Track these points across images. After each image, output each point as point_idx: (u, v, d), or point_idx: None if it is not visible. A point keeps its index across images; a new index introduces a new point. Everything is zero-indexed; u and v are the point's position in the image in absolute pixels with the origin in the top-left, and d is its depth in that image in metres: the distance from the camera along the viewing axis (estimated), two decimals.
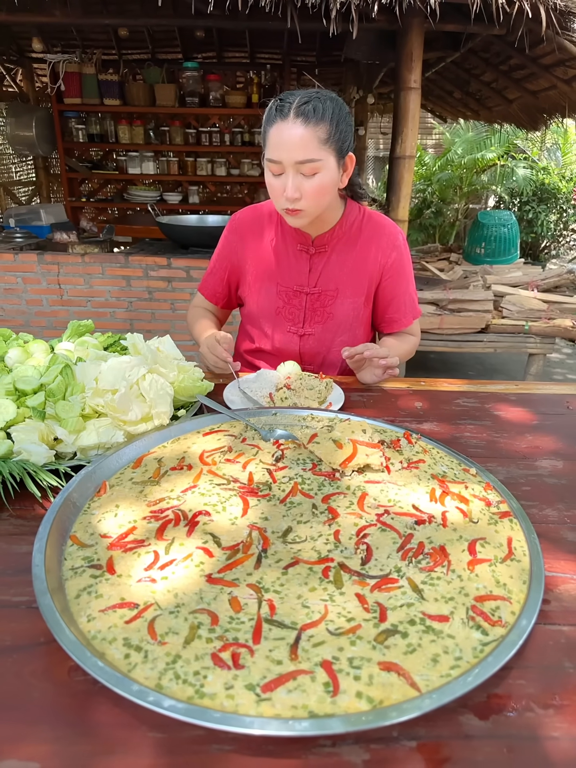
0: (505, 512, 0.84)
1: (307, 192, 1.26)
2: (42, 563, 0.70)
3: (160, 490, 0.88)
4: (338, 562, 0.72)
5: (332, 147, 1.24)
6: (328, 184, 1.27)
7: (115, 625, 0.63)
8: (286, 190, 1.25)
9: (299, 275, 1.50)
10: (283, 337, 1.56)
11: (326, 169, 1.25)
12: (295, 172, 1.24)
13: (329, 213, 1.43)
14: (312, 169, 1.23)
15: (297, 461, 0.97)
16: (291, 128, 1.20)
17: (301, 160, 1.22)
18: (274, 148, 1.24)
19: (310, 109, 1.20)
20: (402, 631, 0.62)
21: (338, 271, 1.49)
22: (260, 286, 1.54)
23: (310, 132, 1.20)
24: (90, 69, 5.21)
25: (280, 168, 1.25)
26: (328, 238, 1.47)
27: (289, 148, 1.21)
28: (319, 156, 1.22)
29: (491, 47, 3.79)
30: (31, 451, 0.93)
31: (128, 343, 1.17)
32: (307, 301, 1.52)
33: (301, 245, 1.48)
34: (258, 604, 0.66)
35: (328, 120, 1.22)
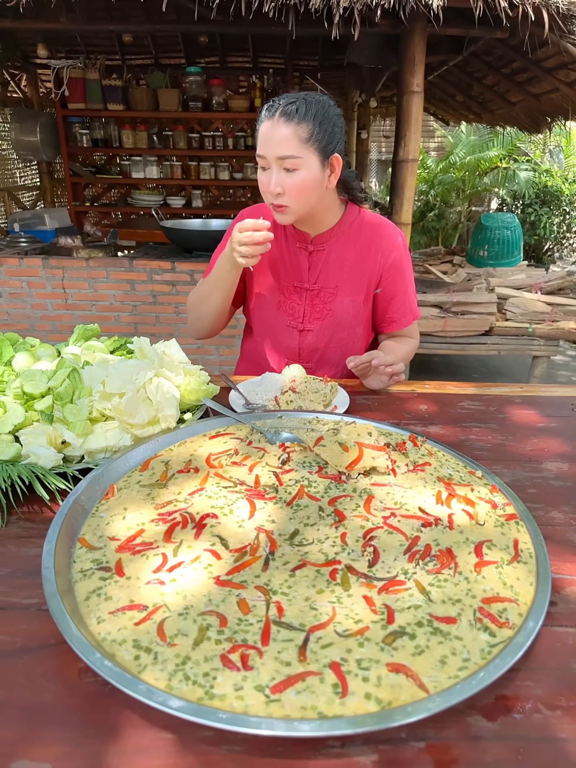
0: (511, 515, 0.84)
1: (289, 188, 1.31)
2: (51, 566, 0.71)
3: (168, 493, 0.89)
4: (345, 564, 0.73)
5: (314, 146, 1.30)
6: (309, 181, 1.32)
7: (124, 627, 0.63)
8: (270, 184, 1.32)
9: (299, 271, 1.54)
10: (283, 331, 1.59)
11: (307, 167, 1.30)
12: (278, 168, 1.31)
13: (326, 215, 1.47)
14: (293, 165, 1.29)
15: (303, 464, 0.97)
16: (275, 126, 1.28)
17: (281, 155, 1.28)
18: (261, 143, 1.32)
19: (293, 109, 1.28)
20: (410, 633, 0.62)
21: (338, 269, 1.52)
22: (263, 280, 1.57)
23: (292, 130, 1.27)
24: (94, 74, 5.24)
25: (266, 163, 1.32)
26: (327, 237, 1.51)
27: (271, 145, 1.29)
28: (299, 153, 1.28)
29: (493, 50, 3.80)
30: (39, 454, 0.94)
31: (135, 347, 1.18)
32: (307, 297, 1.55)
33: (300, 243, 1.53)
34: (266, 606, 0.66)
35: (311, 120, 1.28)
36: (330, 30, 2.70)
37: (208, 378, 1.24)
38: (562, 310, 3.94)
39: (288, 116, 1.27)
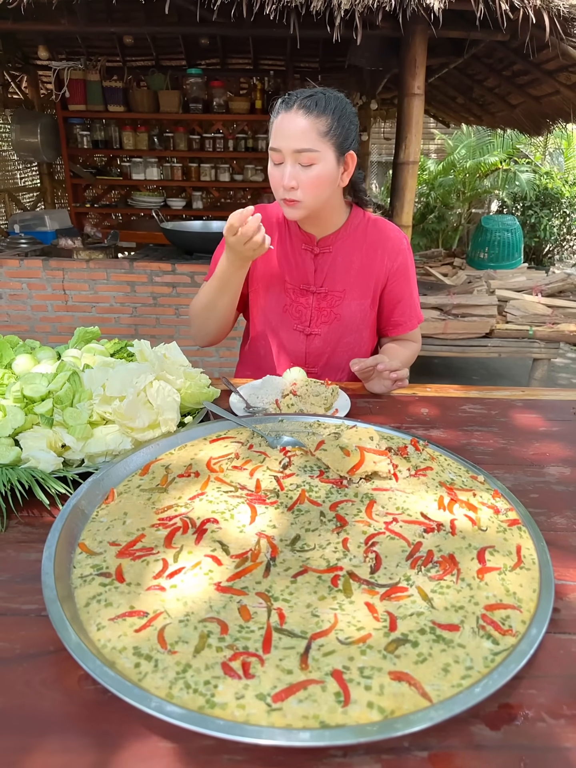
0: (513, 520, 0.84)
1: (304, 182, 1.29)
2: (51, 571, 0.70)
3: (168, 498, 0.88)
4: (347, 570, 0.72)
5: (331, 141, 1.28)
6: (325, 176, 1.30)
7: (125, 634, 0.63)
8: (283, 178, 1.29)
9: (305, 274, 1.52)
10: (290, 335, 1.57)
11: (324, 162, 1.28)
12: (293, 162, 1.28)
13: (333, 215, 1.46)
14: (309, 159, 1.27)
15: (304, 468, 0.97)
16: (292, 118, 1.26)
17: (298, 148, 1.26)
18: (276, 136, 1.29)
19: (312, 102, 1.26)
20: (412, 641, 0.62)
21: (345, 273, 1.51)
22: (268, 282, 1.55)
23: (310, 123, 1.25)
24: (94, 76, 5.24)
25: (280, 157, 1.29)
26: (333, 239, 1.49)
27: (288, 137, 1.26)
28: (316, 147, 1.26)
29: (494, 53, 3.80)
30: (39, 458, 0.94)
31: (135, 350, 1.18)
32: (314, 300, 1.53)
33: (306, 245, 1.51)
34: (267, 613, 0.66)
35: (330, 114, 1.27)
36: (331, 32, 2.70)
37: (208, 381, 1.24)
38: (563, 313, 3.94)
39: (307, 109, 1.25)
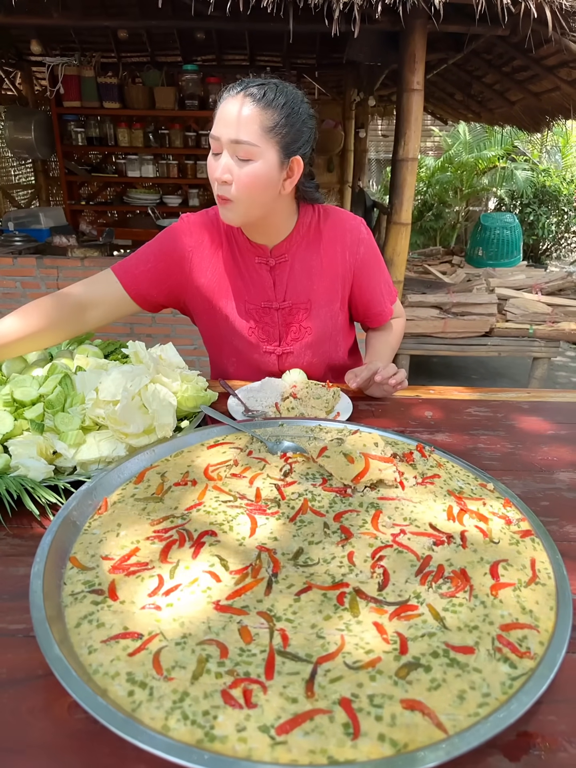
0: (526, 531, 0.80)
1: (238, 178, 1.16)
2: (40, 589, 0.66)
3: (164, 508, 0.84)
4: (353, 587, 0.68)
5: (275, 139, 1.15)
6: (262, 177, 1.17)
7: (117, 658, 0.59)
8: (217, 169, 1.17)
9: (264, 290, 1.39)
10: (261, 357, 1.46)
11: (263, 160, 1.15)
12: (231, 153, 1.15)
13: (280, 220, 1.33)
14: (247, 154, 1.14)
15: (306, 476, 0.93)
16: (236, 105, 1.13)
17: (235, 139, 1.13)
18: (216, 123, 1.16)
19: (261, 92, 1.13)
20: (425, 665, 0.58)
21: (306, 281, 1.39)
22: (223, 305, 1.40)
23: (254, 114, 1.12)
24: (89, 72, 5.17)
25: (218, 146, 1.16)
26: (287, 247, 1.37)
27: (228, 125, 1.13)
28: (256, 141, 1.13)
29: (494, 48, 3.76)
30: (29, 466, 0.90)
31: (129, 352, 1.13)
32: (280, 317, 1.41)
33: (259, 258, 1.37)
34: (270, 635, 0.62)
35: (278, 109, 1.14)
36: (330, 27, 2.66)
37: (206, 384, 1.20)
38: (563, 311, 3.91)
39: (253, 97, 1.12)
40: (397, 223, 3.42)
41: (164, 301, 1.42)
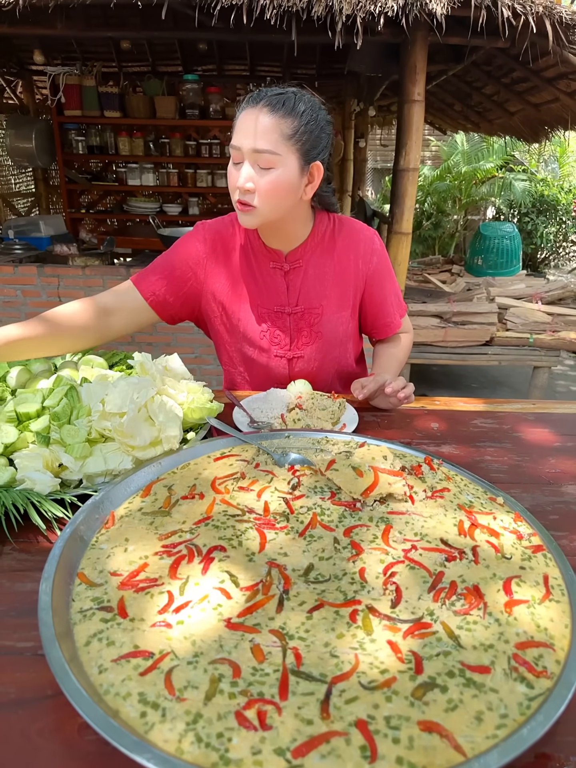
0: (537, 546, 0.80)
1: (260, 186, 1.18)
2: (49, 606, 0.65)
3: (172, 522, 0.83)
4: (366, 604, 0.68)
5: (296, 146, 1.17)
6: (283, 183, 1.19)
7: (129, 678, 0.58)
8: (238, 178, 1.19)
9: (277, 295, 1.40)
10: (271, 361, 1.46)
11: (284, 167, 1.17)
12: (252, 162, 1.18)
13: (296, 226, 1.35)
14: (268, 162, 1.16)
15: (314, 489, 0.92)
16: (256, 115, 1.15)
17: (258, 148, 1.15)
18: (236, 133, 1.19)
19: (280, 101, 1.16)
20: (441, 685, 0.57)
21: (319, 286, 1.41)
22: (238, 308, 1.42)
23: (274, 123, 1.15)
24: (90, 81, 5.20)
25: (239, 155, 1.18)
26: (301, 253, 1.39)
27: (249, 135, 1.16)
28: (277, 150, 1.16)
29: (493, 60, 3.79)
30: (35, 479, 0.89)
31: (135, 363, 1.13)
32: (292, 321, 1.42)
33: (274, 263, 1.39)
34: (282, 653, 0.61)
35: (297, 117, 1.16)
36: (332, 39, 2.67)
37: (212, 395, 1.19)
38: (563, 320, 3.92)
39: (273, 107, 1.15)
40: (397, 233, 3.43)
41: (181, 308, 1.43)
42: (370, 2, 2.53)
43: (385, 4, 2.52)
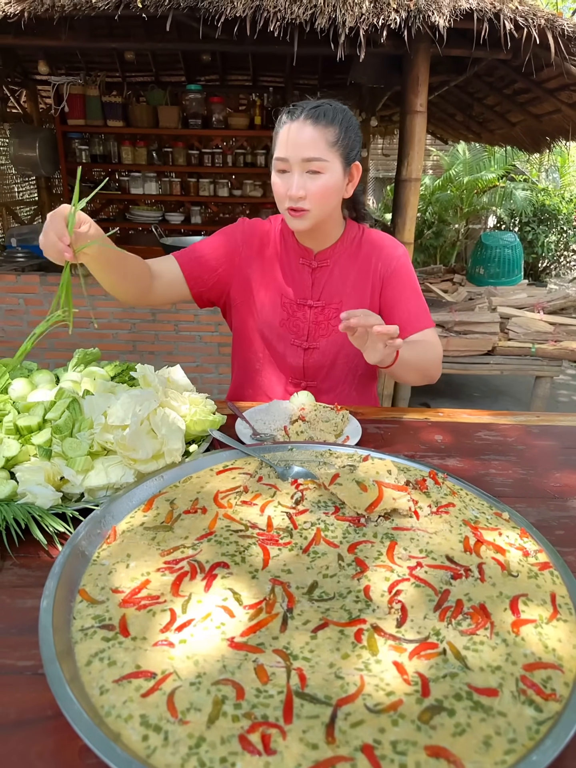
0: (544, 563, 0.79)
1: (312, 191, 1.28)
2: (49, 625, 0.64)
3: (174, 537, 0.82)
4: (371, 623, 0.67)
5: (339, 151, 1.28)
6: (332, 186, 1.30)
7: (130, 699, 0.57)
8: (291, 187, 1.27)
9: (302, 288, 1.50)
10: (287, 350, 1.54)
11: (331, 172, 1.28)
12: (301, 171, 1.27)
13: (331, 227, 1.45)
14: (318, 168, 1.26)
15: (318, 504, 0.91)
16: (300, 127, 1.25)
17: (307, 157, 1.25)
18: (283, 146, 1.28)
19: (320, 112, 1.26)
20: (448, 708, 0.56)
21: (341, 285, 1.49)
22: (264, 295, 1.52)
23: (319, 132, 1.25)
24: (94, 91, 5.23)
25: (286, 166, 1.28)
26: (330, 253, 1.48)
27: (297, 146, 1.25)
28: (325, 156, 1.26)
29: (495, 71, 3.80)
30: (36, 493, 0.88)
31: (138, 375, 1.12)
32: (312, 314, 1.50)
33: (303, 259, 1.49)
34: (287, 674, 0.60)
35: (338, 125, 1.27)
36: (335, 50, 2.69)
37: (214, 407, 1.18)
38: (565, 330, 3.91)
39: (315, 119, 1.25)
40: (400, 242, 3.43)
41: (211, 289, 1.51)
42: (373, 15, 2.54)
43: (388, 16, 2.54)
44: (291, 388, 1.56)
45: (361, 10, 2.56)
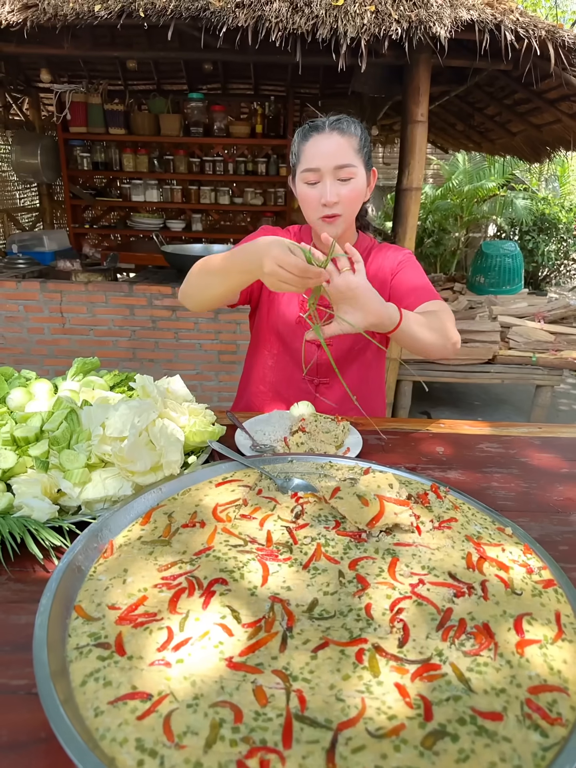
0: (548, 581, 0.77)
1: (344, 196, 1.34)
2: (44, 642, 0.63)
3: (172, 552, 0.81)
4: (372, 643, 0.65)
5: (363, 159, 1.36)
6: (360, 190, 1.37)
7: (126, 722, 0.56)
8: (325, 195, 1.33)
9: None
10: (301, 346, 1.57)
11: (359, 176, 1.35)
12: (333, 179, 1.33)
13: (351, 234, 1.51)
14: (348, 174, 1.33)
15: (318, 518, 0.90)
16: (328, 138, 1.33)
17: (340, 164, 1.31)
18: (312, 157, 1.33)
19: (343, 124, 1.34)
20: (451, 733, 0.55)
21: None
22: (281, 295, 1.59)
23: (346, 141, 1.33)
24: (96, 99, 5.25)
25: (317, 176, 1.34)
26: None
27: (327, 155, 1.32)
28: (354, 162, 1.33)
29: (496, 82, 3.82)
30: (33, 506, 0.87)
31: (137, 386, 1.11)
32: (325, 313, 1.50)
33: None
34: (286, 696, 0.59)
35: (358, 135, 1.35)
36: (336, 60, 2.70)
37: (214, 418, 1.17)
38: (566, 340, 3.91)
39: (341, 129, 1.32)
40: None
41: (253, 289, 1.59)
42: (374, 26, 2.55)
43: (389, 27, 2.54)
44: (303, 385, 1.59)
45: (362, 21, 2.57)
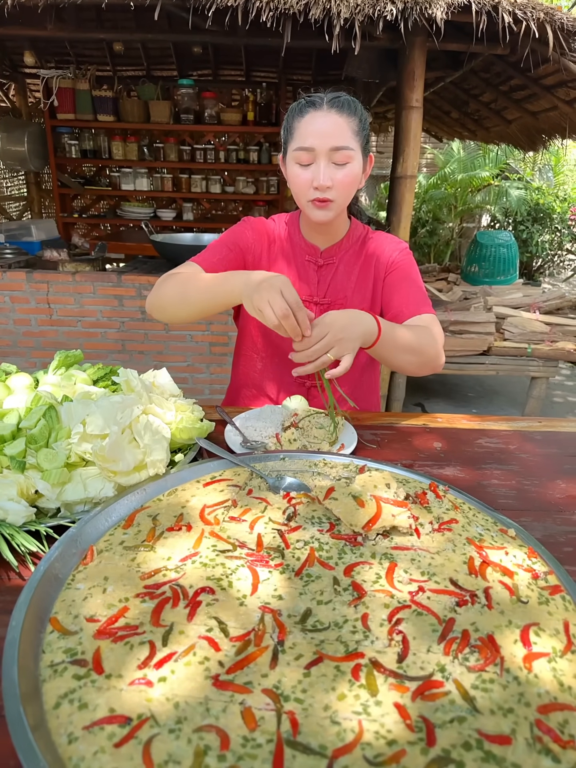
0: (555, 587, 0.73)
1: (338, 181, 1.25)
2: (14, 660, 0.58)
3: (156, 558, 0.76)
4: (369, 657, 0.61)
5: (360, 142, 1.26)
6: (356, 175, 1.28)
7: (102, 750, 0.51)
8: (318, 178, 1.24)
9: (308, 286, 1.48)
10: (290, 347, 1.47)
11: (356, 161, 1.26)
12: (327, 161, 1.24)
13: (341, 222, 1.43)
14: (344, 158, 1.23)
15: (312, 520, 0.86)
16: (326, 116, 1.22)
17: (336, 146, 1.22)
18: (307, 136, 1.23)
19: (343, 101, 1.23)
20: (456, 760, 0.50)
21: (346, 282, 1.48)
22: None
23: (345, 121, 1.22)
24: (84, 85, 5.13)
25: (310, 157, 1.24)
26: (336, 250, 1.46)
27: (323, 135, 1.21)
28: (352, 145, 1.23)
29: (492, 67, 3.75)
30: (8, 509, 0.81)
31: (120, 380, 1.06)
32: (317, 311, 1.47)
33: (310, 257, 1.47)
34: (277, 719, 0.54)
35: (358, 116, 1.25)
36: (329, 43, 2.62)
37: (202, 414, 1.12)
38: (561, 330, 3.87)
39: (339, 108, 1.22)
40: None
41: None
42: (368, 6, 2.48)
43: (384, 7, 2.47)
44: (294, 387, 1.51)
45: (356, 0, 2.50)
